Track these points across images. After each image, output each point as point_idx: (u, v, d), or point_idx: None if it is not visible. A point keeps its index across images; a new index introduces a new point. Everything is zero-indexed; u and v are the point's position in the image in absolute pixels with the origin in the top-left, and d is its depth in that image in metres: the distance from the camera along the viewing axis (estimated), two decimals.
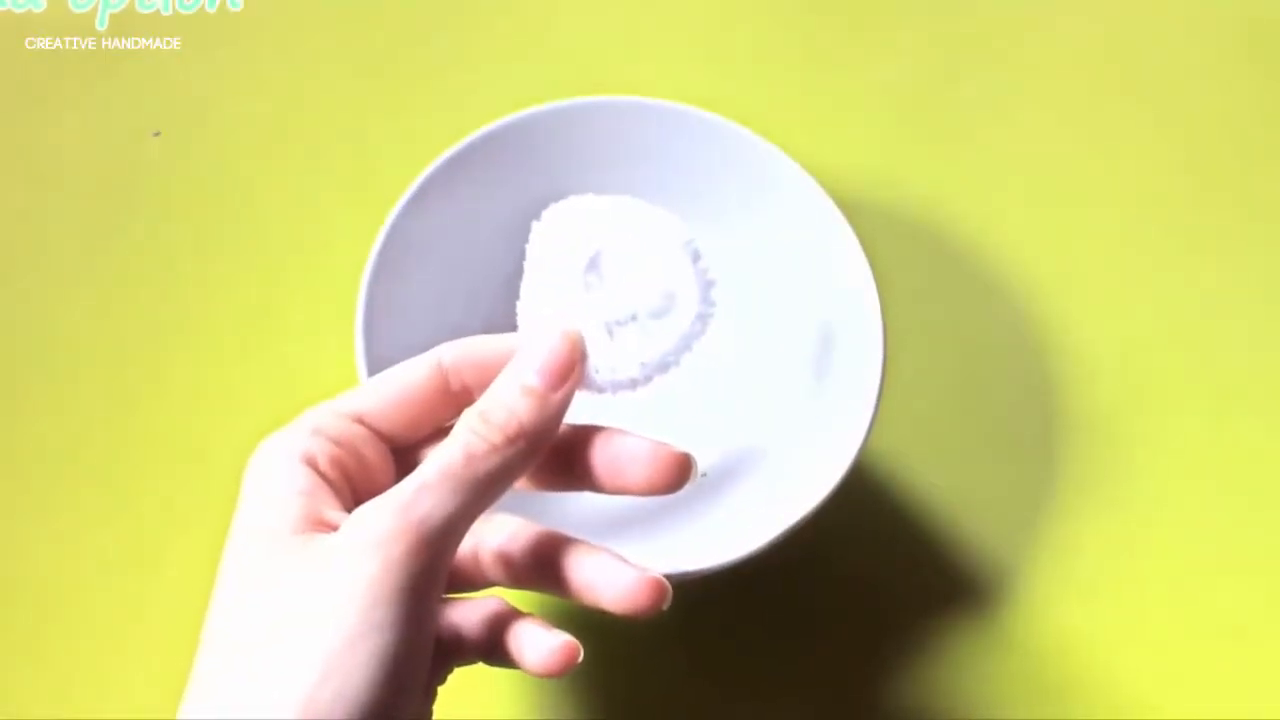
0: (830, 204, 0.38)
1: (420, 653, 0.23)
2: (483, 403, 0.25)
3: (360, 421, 0.26)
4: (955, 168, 0.51)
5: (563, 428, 0.26)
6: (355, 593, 0.22)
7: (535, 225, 0.28)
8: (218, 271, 0.47)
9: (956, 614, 0.40)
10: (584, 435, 0.27)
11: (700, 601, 0.39)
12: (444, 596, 0.27)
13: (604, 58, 0.54)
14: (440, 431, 0.27)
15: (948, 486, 0.42)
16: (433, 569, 0.23)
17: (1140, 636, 0.40)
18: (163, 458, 0.43)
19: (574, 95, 0.40)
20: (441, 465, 0.24)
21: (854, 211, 0.38)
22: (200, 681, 0.23)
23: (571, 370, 0.25)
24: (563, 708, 0.38)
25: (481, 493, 0.24)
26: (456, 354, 0.27)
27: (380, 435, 0.27)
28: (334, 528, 0.24)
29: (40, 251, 0.47)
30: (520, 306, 0.28)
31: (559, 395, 0.25)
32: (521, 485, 0.28)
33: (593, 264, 0.27)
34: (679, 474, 0.26)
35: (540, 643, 0.26)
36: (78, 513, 0.41)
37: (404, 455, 0.27)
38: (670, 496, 0.39)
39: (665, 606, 0.26)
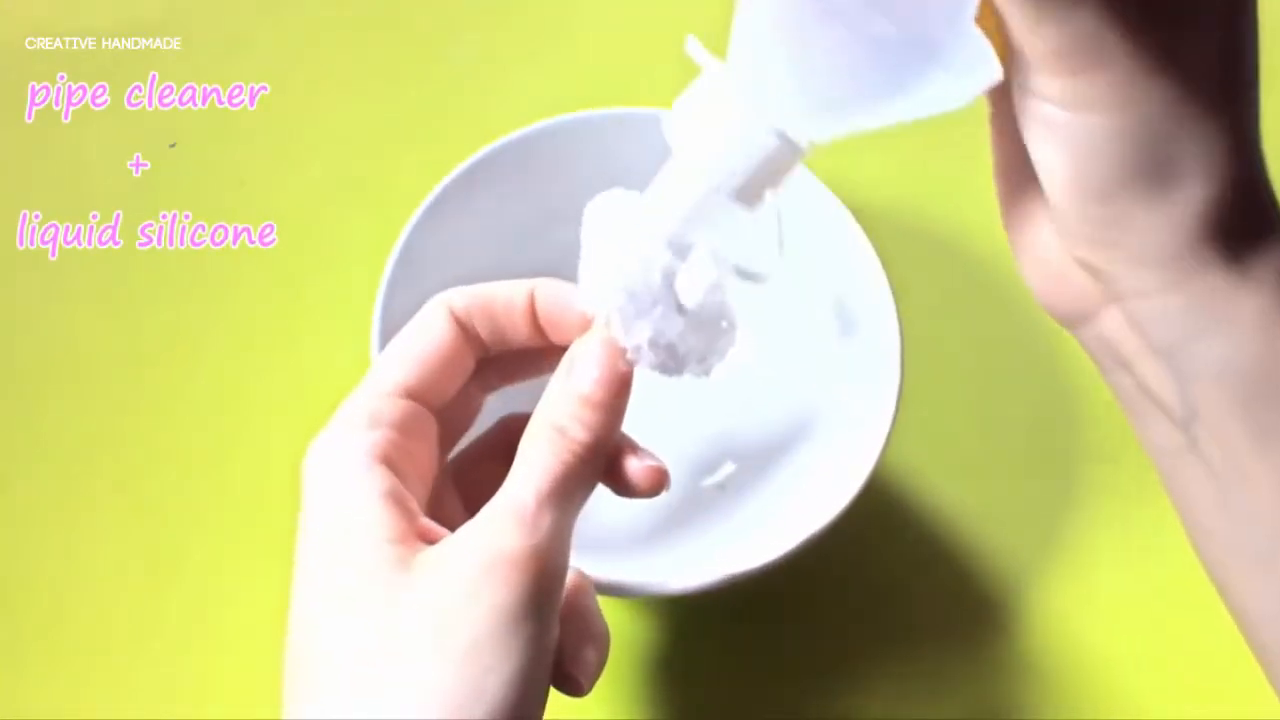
0: (849, 216, 0.38)
1: (548, 663, 0.23)
2: (553, 416, 0.24)
3: (412, 396, 0.25)
4: (975, 178, 0.51)
5: None
6: (493, 616, 0.21)
7: (594, 207, 0.26)
8: (235, 280, 0.47)
9: (972, 628, 0.40)
10: None
11: (716, 611, 0.40)
12: None
13: (623, 69, 0.54)
14: (463, 391, 0.27)
15: (964, 499, 0.43)
16: (558, 583, 0.23)
17: (1157, 651, 0.40)
18: (181, 462, 0.42)
19: (593, 106, 0.40)
20: (547, 479, 0.23)
21: (871, 222, 0.38)
22: (311, 698, 0.22)
23: (626, 373, 0.25)
24: (574, 709, 0.38)
25: (579, 502, 0.24)
26: (468, 301, 0.26)
27: (425, 405, 0.26)
28: (431, 536, 0.23)
29: (59, 260, 0.47)
30: (589, 266, 0.26)
31: (622, 401, 0.25)
32: None
33: (675, 253, 0.25)
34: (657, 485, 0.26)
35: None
36: (96, 516, 0.41)
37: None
38: (688, 508, 0.40)
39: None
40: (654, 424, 0.41)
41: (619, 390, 0.24)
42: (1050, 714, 0.39)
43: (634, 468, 0.25)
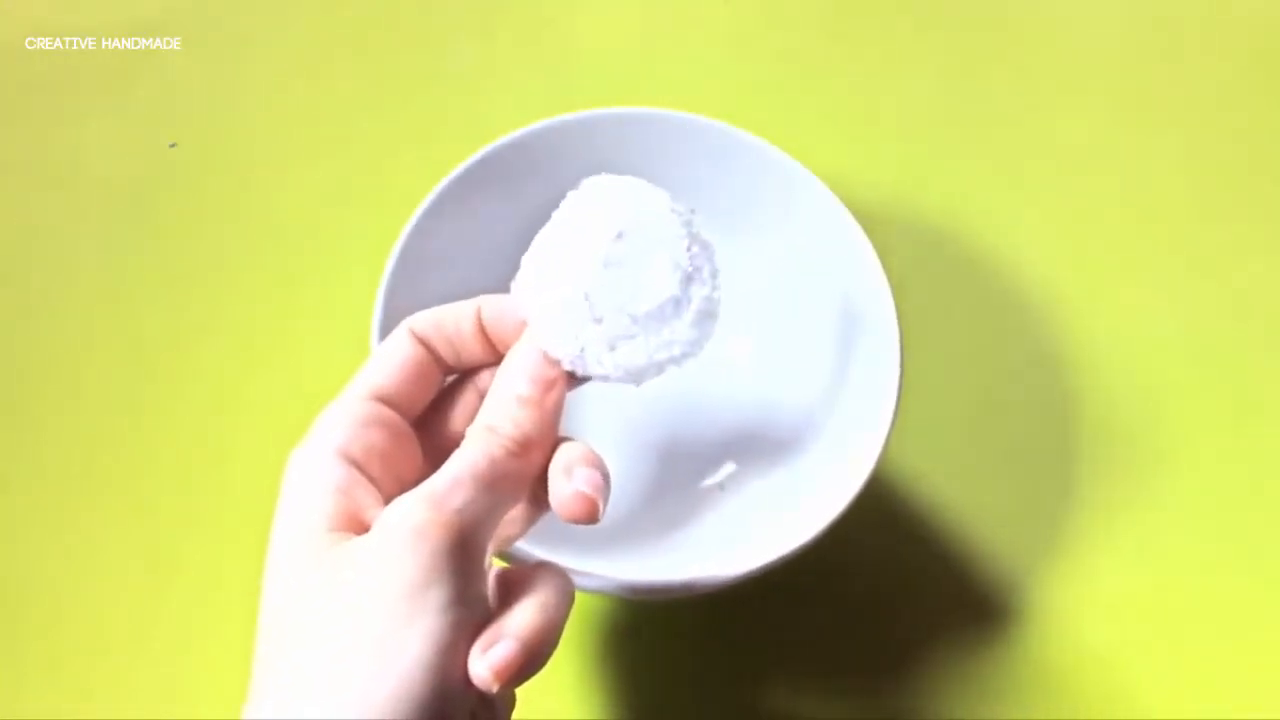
0: (849, 216, 0.38)
1: (469, 636, 0.23)
2: (486, 417, 0.26)
3: (382, 400, 0.27)
4: (974, 180, 0.51)
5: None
6: (403, 581, 0.22)
7: (571, 193, 0.28)
8: (234, 281, 0.47)
9: (973, 628, 0.40)
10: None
11: (715, 612, 0.40)
12: None
13: (622, 68, 0.54)
14: (433, 405, 0.29)
15: (964, 499, 0.43)
16: (470, 558, 0.24)
17: (1159, 651, 0.40)
18: (180, 462, 0.42)
19: (593, 106, 0.40)
20: (466, 466, 0.24)
21: (873, 224, 0.38)
22: (259, 686, 0.23)
23: (553, 375, 0.27)
24: (570, 709, 0.38)
25: (503, 492, 0.25)
26: (427, 324, 0.28)
27: (398, 411, 0.28)
28: (369, 525, 0.24)
29: (59, 261, 0.47)
30: (528, 259, 0.28)
31: (552, 397, 0.27)
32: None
33: (617, 252, 0.27)
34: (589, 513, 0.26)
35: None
36: (95, 516, 0.41)
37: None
38: (688, 507, 0.40)
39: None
40: (655, 424, 0.42)
41: (546, 389, 0.26)
42: (1051, 714, 0.39)
43: (563, 492, 0.25)
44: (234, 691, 0.37)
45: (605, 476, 0.26)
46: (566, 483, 0.25)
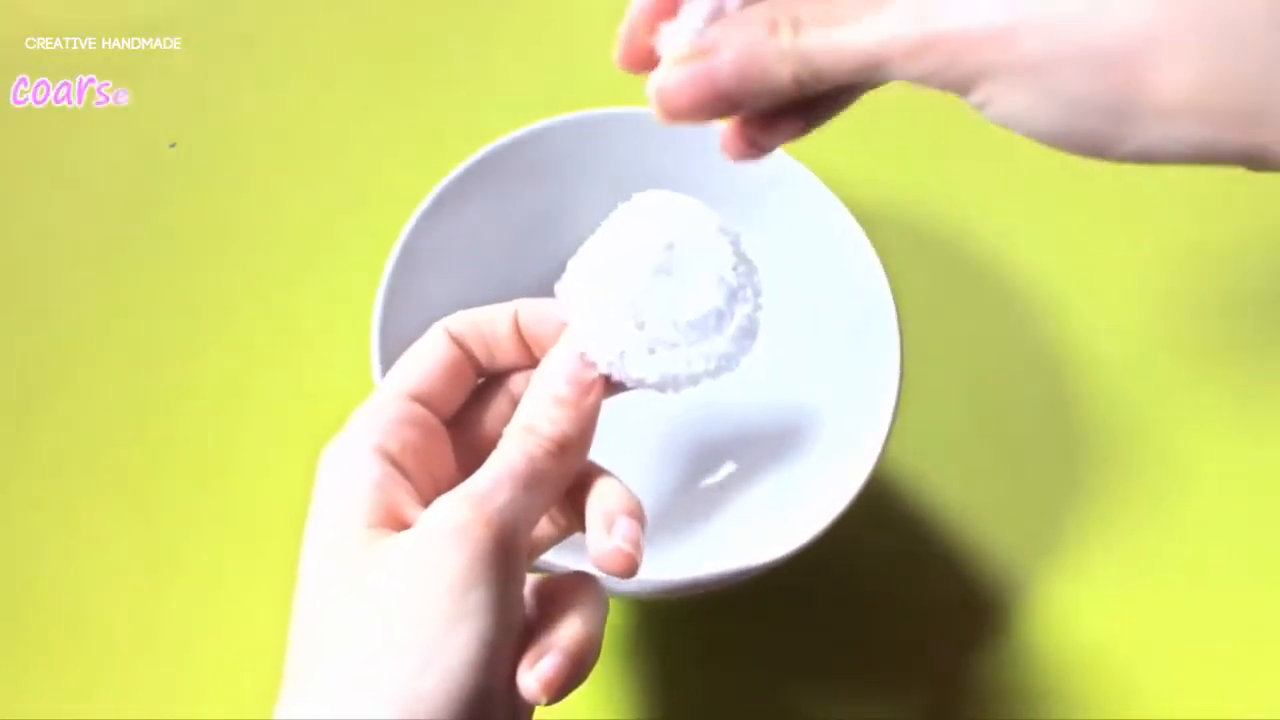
0: (849, 216, 0.38)
1: (511, 637, 0.23)
2: (524, 417, 0.26)
3: (416, 399, 0.27)
4: (974, 181, 0.51)
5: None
6: (446, 580, 0.22)
7: (622, 205, 0.28)
8: (233, 282, 0.47)
9: (973, 628, 0.40)
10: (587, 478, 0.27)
11: (715, 611, 0.40)
12: None
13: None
14: (466, 406, 0.29)
15: (965, 499, 0.43)
16: (512, 556, 0.23)
17: (1159, 651, 0.40)
18: (181, 463, 0.42)
19: (593, 106, 0.40)
20: (505, 465, 0.24)
21: (874, 225, 0.38)
22: (295, 683, 0.23)
23: (591, 377, 0.27)
24: (569, 709, 0.38)
25: (541, 492, 0.25)
26: (462, 326, 0.28)
27: (433, 410, 0.27)
28: (408, 522, 0.24)
29: (59, 261, 0.47)
30: (575, 262, 0.27)
31: (590, 399, 0.26)
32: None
33: (665, 262, 0.27)
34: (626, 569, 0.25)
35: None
36: (96, 517, 0.41)
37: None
38: (688, 508, 0.40)
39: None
40: (656, 424, 0.42)
41: (584, 391, 0.26)
42: (1051, 714, 0.39)
43: (603, 546, 0.25)
44: (234, 691, 0.38)
45: (643, 523, 0.26)
46: (606, 536, 0.25)
